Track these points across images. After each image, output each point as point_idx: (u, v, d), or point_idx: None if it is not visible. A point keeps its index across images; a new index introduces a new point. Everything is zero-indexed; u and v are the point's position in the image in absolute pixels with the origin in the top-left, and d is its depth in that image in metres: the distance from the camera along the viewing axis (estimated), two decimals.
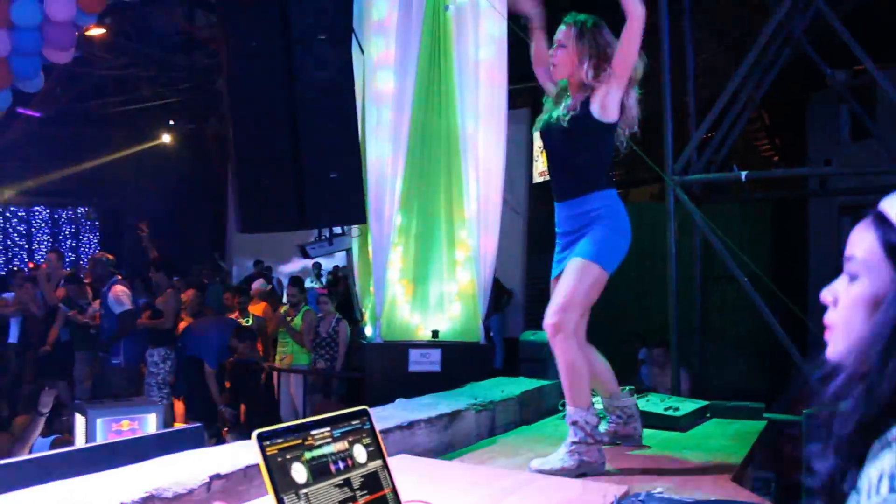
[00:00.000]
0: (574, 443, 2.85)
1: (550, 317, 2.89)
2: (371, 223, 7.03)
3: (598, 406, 3.17)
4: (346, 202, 6.97)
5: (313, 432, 1.55)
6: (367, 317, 7.31)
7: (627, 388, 3.40)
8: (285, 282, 9.93)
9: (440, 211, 7.22)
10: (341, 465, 1.57)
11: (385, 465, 1.68)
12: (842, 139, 8.80)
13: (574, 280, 2.88)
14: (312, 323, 7.79)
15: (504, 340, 10.66)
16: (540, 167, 11.91)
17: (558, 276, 3.01)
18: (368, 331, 7.27)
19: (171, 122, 14.17)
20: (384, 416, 3.00)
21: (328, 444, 1.57)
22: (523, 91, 8.85)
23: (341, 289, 9.66)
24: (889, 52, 7.56)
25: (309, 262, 11.10)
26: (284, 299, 8.98)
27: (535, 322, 11.60)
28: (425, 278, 7.19)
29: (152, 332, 7.38)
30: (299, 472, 1.47)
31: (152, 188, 14.93)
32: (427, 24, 7.12)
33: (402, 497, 1.73)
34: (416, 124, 7.06)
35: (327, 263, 11.99)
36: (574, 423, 2.87)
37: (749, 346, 8.45)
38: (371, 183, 7.02)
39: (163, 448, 2.51)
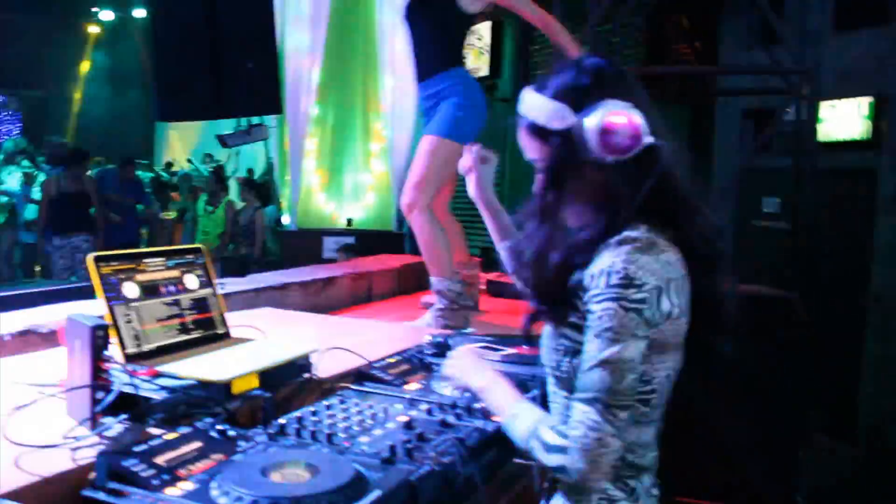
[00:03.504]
0: (440, 309, 3.17)
1: (405, 196, 3.10)
2: (287, 114, 7.20)
3: None
4: (263, 93, 7.13)
5: (146, 260, 1.84)
6: (284, 205, 7.57)
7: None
8: None
9: (356, 103, 7.43)
10: (172, 288, 1.87)
11: (215, 294, 1.98)
12: (752, 44, 9.10)
13: (425, 158, 3.06)
14: (232, 213, 8.01)
15: None
16: (469, 64, 12.06)
17: None
18: (286, 219, 7.55)
19: (95, 10, 13.86)
20: (260, 279, 3.31)
21: (161, 270, 1.86)
22: None
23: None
24: None
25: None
26: None
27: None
28: (340, 168, 7.45)
29: (81, 219, 7.52)
30: (131, 289, 1.76)
31: (78, 78, 14.68)
32: None
33: (233, 323, 2.05)
34: (334, 17, 7.17)
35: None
36: (438, 292, 3.16)
37: None
38: (288, 74, 7.15)
39: (50, 300, 2.81)
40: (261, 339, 2.04)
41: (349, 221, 7.33)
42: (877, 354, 6.18)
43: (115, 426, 1.43)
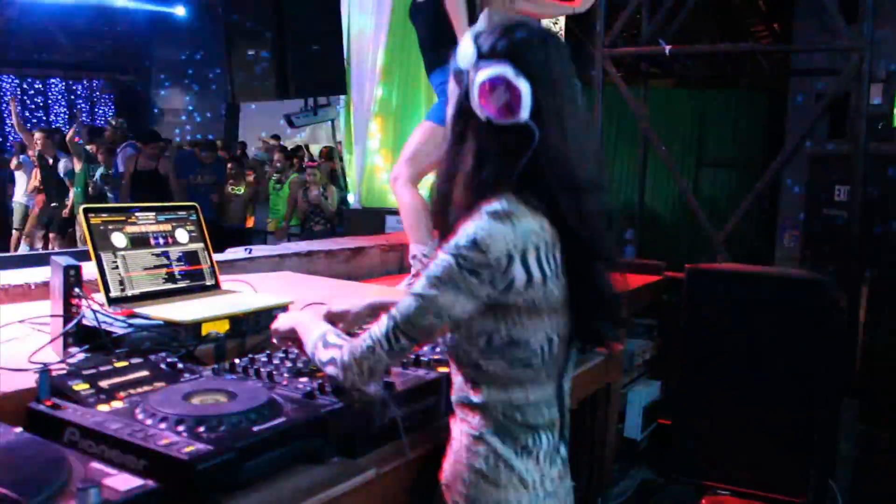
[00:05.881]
0: (414, 275, 3.29)
1: (394, 169, 3.33)
2: (352, 94, 7.37)
3: None
4: (328, 74, 7.36)
5: (137, 214, 1.99)
6: (349, 185, 7.75)
7: None
8: None
9: (420, 83, 7.51)
10: (161, 240, 2.02)
11: (206, 248, 2.12)
12: (827, 24, 8.83)
13: (419, 139, 3.29)
14: (298, 190, 8.25)
15: None
16: None
17: None
18: (351, 198, 7.73)
19: None
20: (288, 246, 3.45)
21: (151, 224, 2.01)
22: None
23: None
24: None
25: None
26: None
27: None
28: None
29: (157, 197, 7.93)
30: (119, 239, 1.92)
31: (165, 61, 15.29)
32: None
33: (223, 278, 2.19)
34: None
35: None
36: (413, 257, 3.30)
37: None
38: (353, 55, 7.32)
39: None
40: (246, 291, 2.17)
41: None
42: None
43: (79, 354, 1.58)
